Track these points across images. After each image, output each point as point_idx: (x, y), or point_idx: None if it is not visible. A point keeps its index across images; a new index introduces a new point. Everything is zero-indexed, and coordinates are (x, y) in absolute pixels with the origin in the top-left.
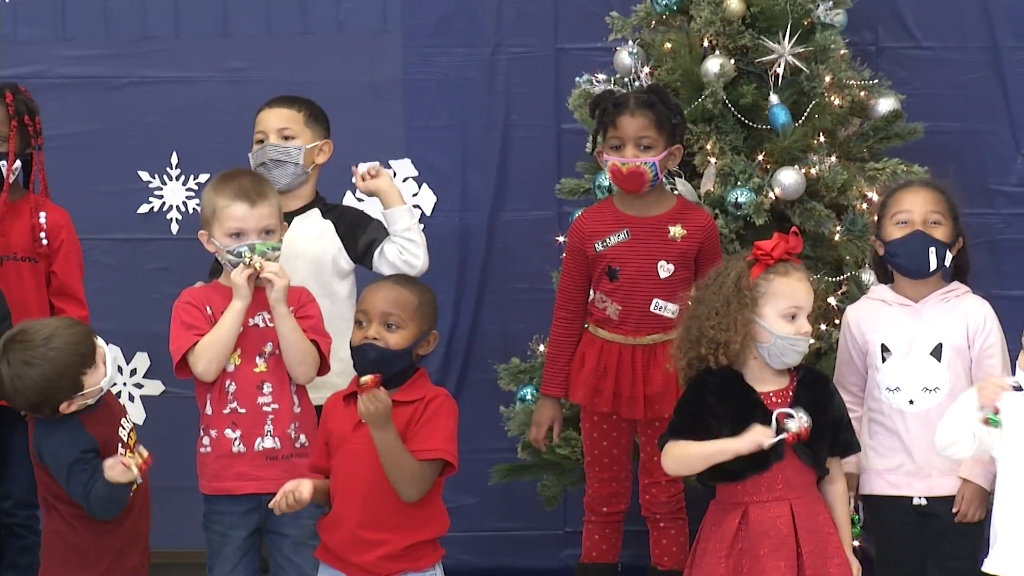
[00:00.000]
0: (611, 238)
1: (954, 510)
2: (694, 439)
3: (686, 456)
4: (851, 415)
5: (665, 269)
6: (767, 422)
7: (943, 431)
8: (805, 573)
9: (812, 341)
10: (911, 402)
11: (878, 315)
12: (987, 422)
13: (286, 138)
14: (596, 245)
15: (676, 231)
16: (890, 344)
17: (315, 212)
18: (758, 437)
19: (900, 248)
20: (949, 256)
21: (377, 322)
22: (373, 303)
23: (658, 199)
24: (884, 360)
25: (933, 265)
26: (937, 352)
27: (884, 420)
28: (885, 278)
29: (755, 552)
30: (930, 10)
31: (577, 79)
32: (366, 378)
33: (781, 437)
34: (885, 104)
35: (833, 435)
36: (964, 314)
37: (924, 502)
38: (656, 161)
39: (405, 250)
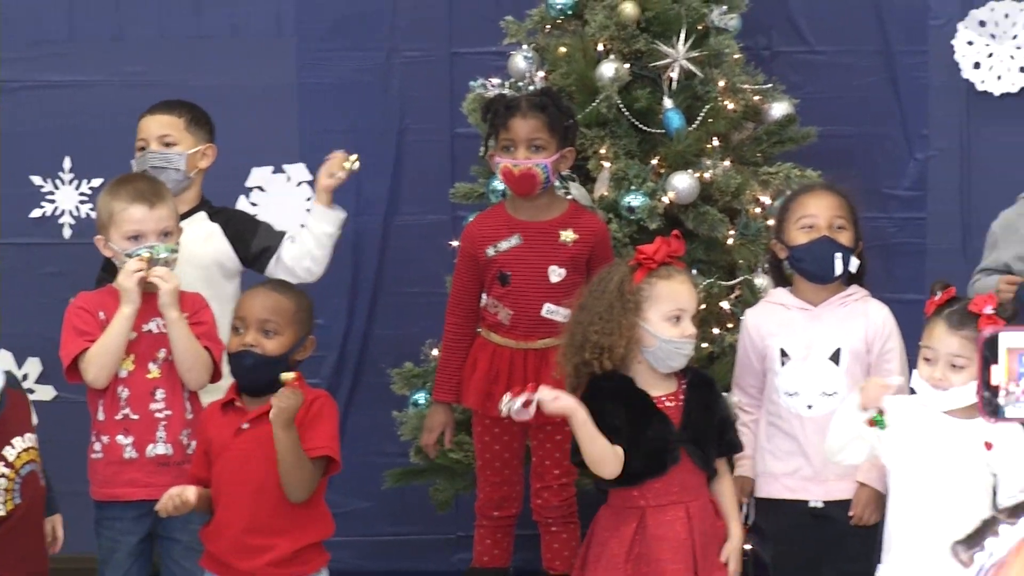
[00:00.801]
0: (502, 243)
1: (850, 513)
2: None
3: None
4: (748, 418)
5: (556, 274)
6: (663, 426)
7: (831, 437)
8: (698, 574)
9: (705, 345)
10: (809, 407)
11: (777, 319)
12: (872, 423)
13: (167, 144)
14: (487, 250)
15: (567, 236)
16: (789, 348)
17: (201, 215)
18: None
19: (806, 253)
20: (854, 261)
21: (254, 329)
22: (250, 310)
23: (549, 204)
24: (783, 364)
25: (839, 270)
26: (836, 357)
27: (782, 424)
28: (782, 282)
29: (654, 556)
30: (823, 15)
31: (471, 83)
32: (289, 375)
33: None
34: (779, 108)
35: (719, 436)
36: (863, 318)
37: (820, 505)
38: (548, 163)
39: (314, 255)
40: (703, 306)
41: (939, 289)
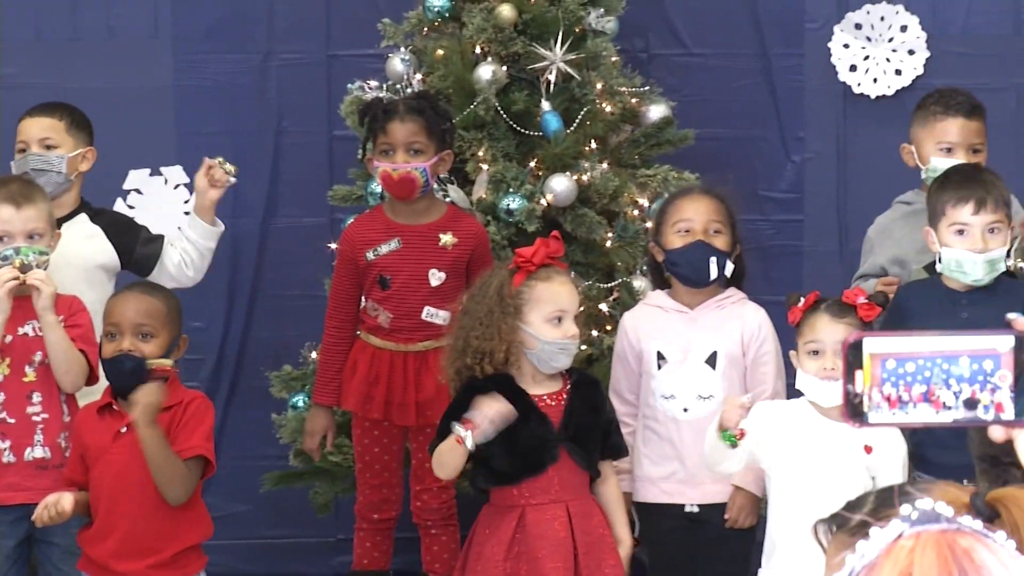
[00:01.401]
0: (382, 247)
1: (725, 516)
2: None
3: (448, 453)
4: (626, 431)
5: (436, 277)
6: (541, 425)
7: (708, 448)
8: (581, 574)
9: (584, 347)
10: (685, 410)
11: (654, 322)
12: (725, 439)
13: (48, 147)
14: (367, 254)
15: (447, 239)
16: (665, 351)
17: (83, 217)
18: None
19: (681, 257)
20: (729, 265)
21: (130, 333)
22: (123, 314)
23: (428, 207)
24: (659, 367)
25: (714, 274)
26: (712, 360)
27: (658, 427)
28: (661, 284)
29: (533, 555)
30: (700, 18)
31: (349, 85)
32: (166, 361)
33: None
34: (656, 111)
35: (604, 437)
36: (739, 321)
37: (696, 509)
38: (427, 167)
39: (196, 265)
40: (581, 308)
41: (794, 301)
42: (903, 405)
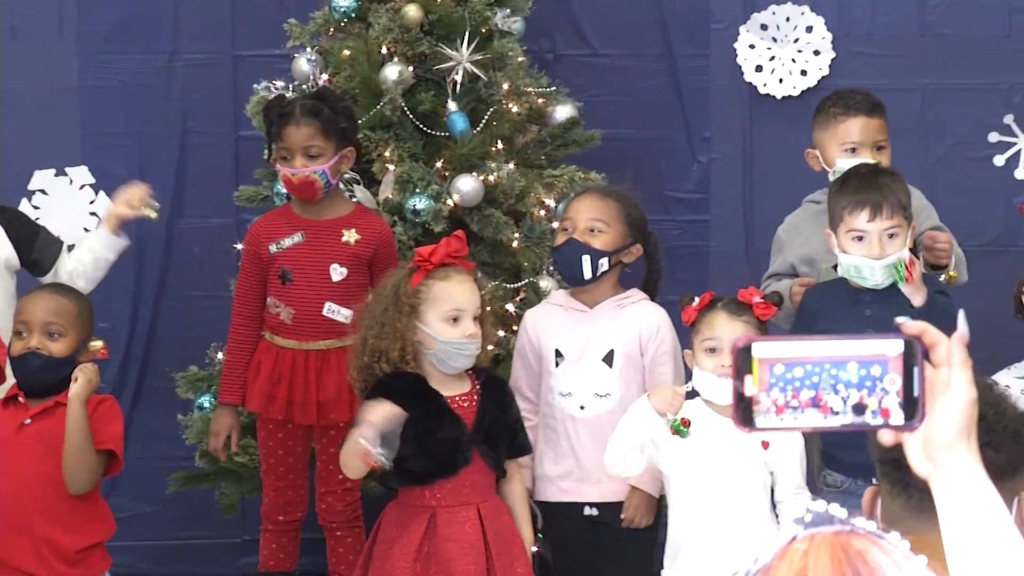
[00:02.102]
0: (285, 240)
1: (621, 516)
2: None
3: (347, 456)
4: (528, 424)
5: (338, 272)
6: (455, 426)
7: (610, 450)
8: (502, 570)
9: (492, 347)
10: (582, 407)
11: (553, 320)
12: (676, 432)
13: None
14: (270, 247)
15: (350, 235)
16: (564, 349)
17: None
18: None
19: (558, 255)
20: (605, 264)
21: (39, 331)
22: (33, 313)
23: (333, 203)
24: (557, 365)
25: (588, 273)
26: (609, 358)
27: (556, 425)
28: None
29: (444, 557)
30: (606, 18)
31: (255, 86)
32: (97, 344)
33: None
34: (562, 111)
35: (511, 437)
36: (638, 321)
37: (595, 512)
38: (326, 169)
39: (88, 275)
40: (488, 308)
41: (688, 302)
42: (791, 410)
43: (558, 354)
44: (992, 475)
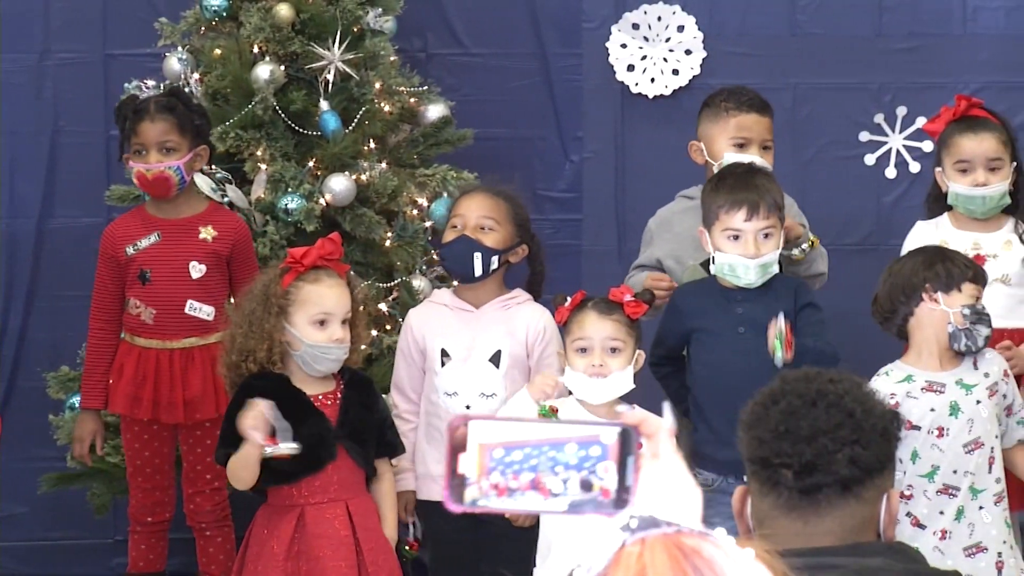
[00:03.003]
0: (142, 241)
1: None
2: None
3: (236, 467)
4: (408, 427)
5: (197, 270)
6: (319, 423)
7: None
8: (367, 571)
9: (364, 347)
10: (468, 407)
11: (438, 319)
12: (543, 418)
13: None
14: (127, 249)
15: (207, 232)
16: (450, 349)
17: None
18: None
19: (449, 252)
20: (495, 262)
21: None
22: None
23: (188, 201)
24: (443, 365)
25: (478, 271)
26: (496, 359)
27: (441, 425)
28: (449, 282)
29: (314, 554)
30: (478, 17)
31: (126, 85)
32: None
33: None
34: (435, 111)
35: (380, 436)
36: (524, 322)
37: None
38: (180, 164)
39: None
40: (360, 308)
41: (561, 301)
42: (511, 493)
43: (444, 354)
44: (862, 472)
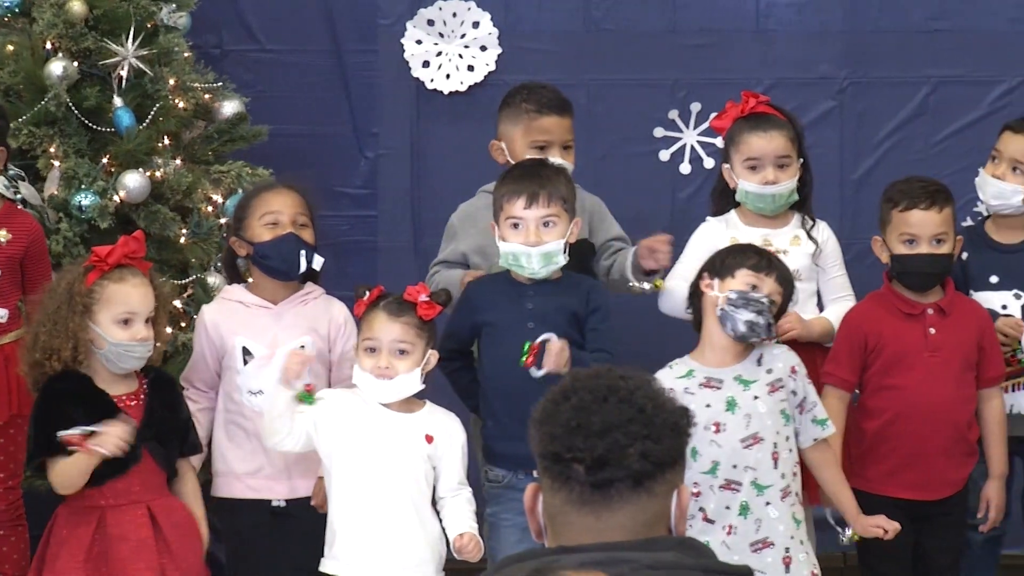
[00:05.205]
0: None
1: (313, 503)
2: (61, 453)
3: (69, 476)
4: (196, 407)
5: None
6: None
7: (266, 420)
8: (179, 566)
9: (159, 345)
10: None
11: (236, 317)
12: (302, 400)
13: None
14: None
15: (1, 235)
16: (251, 347)
17: None
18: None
19: (272, 250)
20: (318, 259)
21: None
22: None
23: None
24: (246, 363)
25: (303, 266)
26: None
27: (245, 423)
28: (237, 279)
29: (115, 556)
30: (273, 13)
31: None
32: None
33: None
34: (230, 107)
35: (183, 436)
36: (326, 317)
37: (283, 504)
38: None
39: None
40: (161, 306)
41: (361, 295)
42: None
43: (246, 352)
44: (653, 467)
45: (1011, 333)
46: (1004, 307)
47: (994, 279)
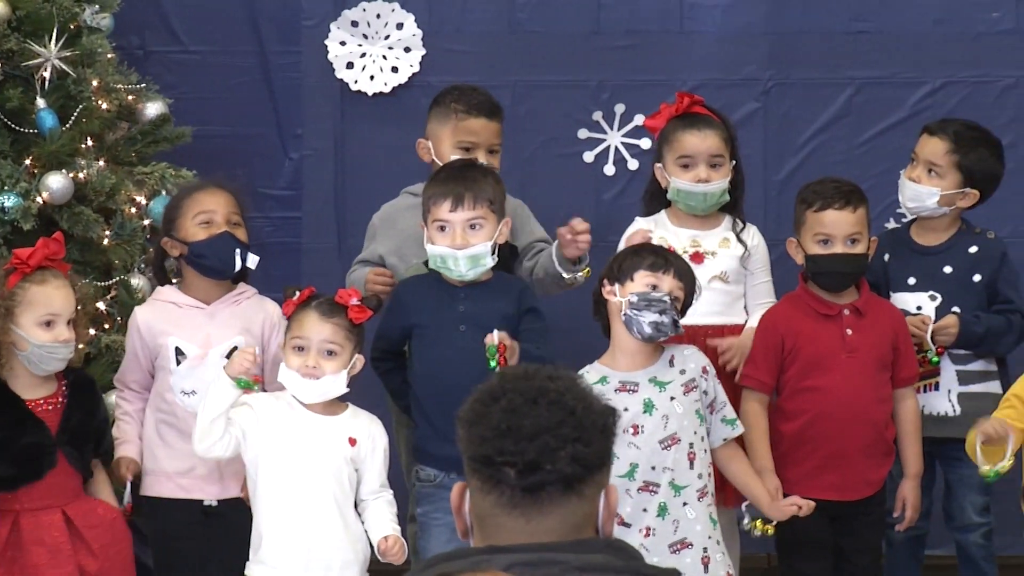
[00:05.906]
0: None
1: (241, 495)
2: None
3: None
4: (130, 407)
5: None
6: (39, 432)
7: (202, 427)
8: (104, 566)
9: (80, 346)
10: None
11: (168, 318)
12: (247, 389)
13: None
14: None
15: None
16: (184, 347)
17: None
18: None
19: (208, 249)
20: (253, 258)
21: None
22: None
23: None
24: (178, 363)
25: (239, 265)
26: (232, 355)
27: (177, 423)
28: (165, 280)
29: (30, 561)
30: (197, 14)
31: None
32: None
33: None
34: (153, 108)
35: (99, 439)
36: (260, 316)
37: (215, 503)
38: None
39: None
40: (80, 307)
41: (290, 295)
42: None
43: (179, 352)
44: (583, 469)
45: (917, 331)
46: (919, 308)
47: (912, 280)
